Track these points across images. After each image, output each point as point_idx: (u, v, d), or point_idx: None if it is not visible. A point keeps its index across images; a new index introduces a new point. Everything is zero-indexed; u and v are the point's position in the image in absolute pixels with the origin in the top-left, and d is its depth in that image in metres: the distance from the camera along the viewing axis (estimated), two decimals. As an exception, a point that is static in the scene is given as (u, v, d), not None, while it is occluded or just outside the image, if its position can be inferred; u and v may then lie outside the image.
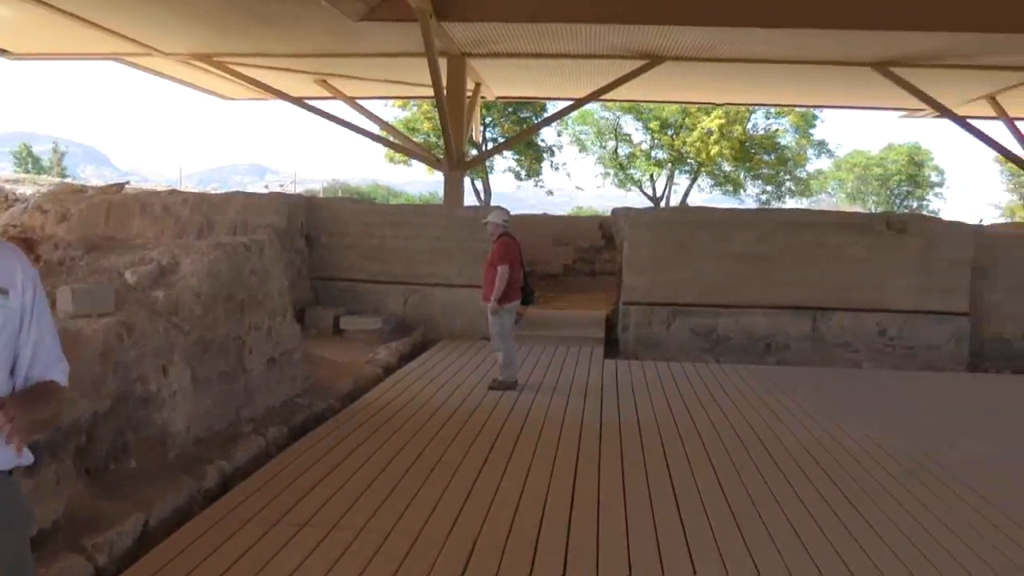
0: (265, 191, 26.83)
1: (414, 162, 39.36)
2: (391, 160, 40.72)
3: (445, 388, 11.19)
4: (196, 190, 29.24)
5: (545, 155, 44.91)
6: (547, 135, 45.71)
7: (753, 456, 8.40)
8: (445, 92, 19.54)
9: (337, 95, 25.20)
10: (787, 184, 49.56)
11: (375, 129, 27.54)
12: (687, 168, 47.92)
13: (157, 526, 6.03)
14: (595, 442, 8.71)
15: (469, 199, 35.41)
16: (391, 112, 40.46)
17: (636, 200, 47.35)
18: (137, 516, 5.85)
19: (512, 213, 12.49)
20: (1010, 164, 32.55)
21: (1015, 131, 24.30)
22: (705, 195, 50.55)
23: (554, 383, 11.80)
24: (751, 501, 7.00)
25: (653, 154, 47.66)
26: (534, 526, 6.27)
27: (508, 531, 6.16)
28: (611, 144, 48.17)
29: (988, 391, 12.94)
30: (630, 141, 48.10)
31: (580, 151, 48.94)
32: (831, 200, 60.54)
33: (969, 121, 22.98)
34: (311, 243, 15.96)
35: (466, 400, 10.53)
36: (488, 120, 39.85)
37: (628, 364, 13.66)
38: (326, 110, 24.48)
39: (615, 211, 19.39)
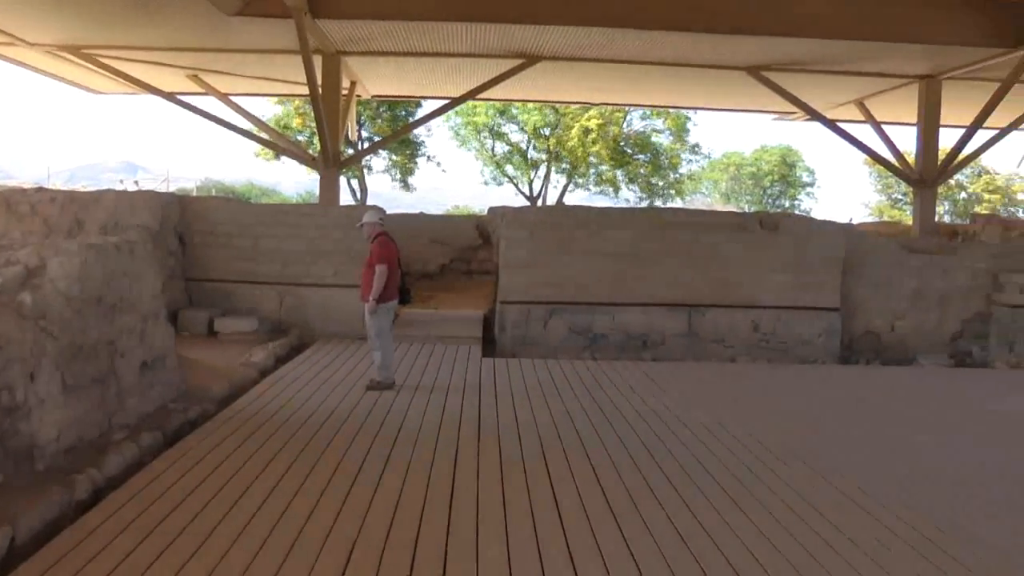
0: (136, 189, 26.17)
1: (290, 161, 38.69)
2: (262, 156, 39.88)
3: (322, 390, 11.06)
4: (65, 188, 28.37)
5: (420, 155, 44.67)
6: (422, 134, 45.56)
7: (631, 451, 8.49)
8: (320, 90, 19.37)
9: (210, 91, 24.73)
10: (662, 184, 50.23)
11: (249, 127, 27.05)
12: (564, 168, 48.26)
13: (26, 542, 5.80)
14: (474, 442, 8.70)
15: (345, 198, 35.13)
16: (265, 108, 39.88)
17: (513, 199, 47.52)
18: (3, 531, 5.63)
19: (388, 213, 12.43)
20: (878, 166, 33.68)
21: (882, 134, 25.22)
22: (582, 195, 51.03)
23: (432, 383, 11.76)
24: (629, 496, 7.07)
25: (530, 154, 47.92)
26: (413, 527, 6.23)
27: (387, 532, 6.11)
28: (489, 143, 48.26)
29: (858, 382, 13.37)
30: (507, 140, 48.24)
31: (460, 145, 48.94)
32: (706, 200, 61.65)
33: (839, 124, 23.72)
34: (184, 243, 15.60)
35: (343, 401, 10.42)
36: (364, 119, 39.50)
37: (506, 363, 13.69)
38: (199, 106, 24.02)
39: (492, 210, 19.43)
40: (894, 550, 6.11)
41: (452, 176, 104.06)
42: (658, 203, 49.33)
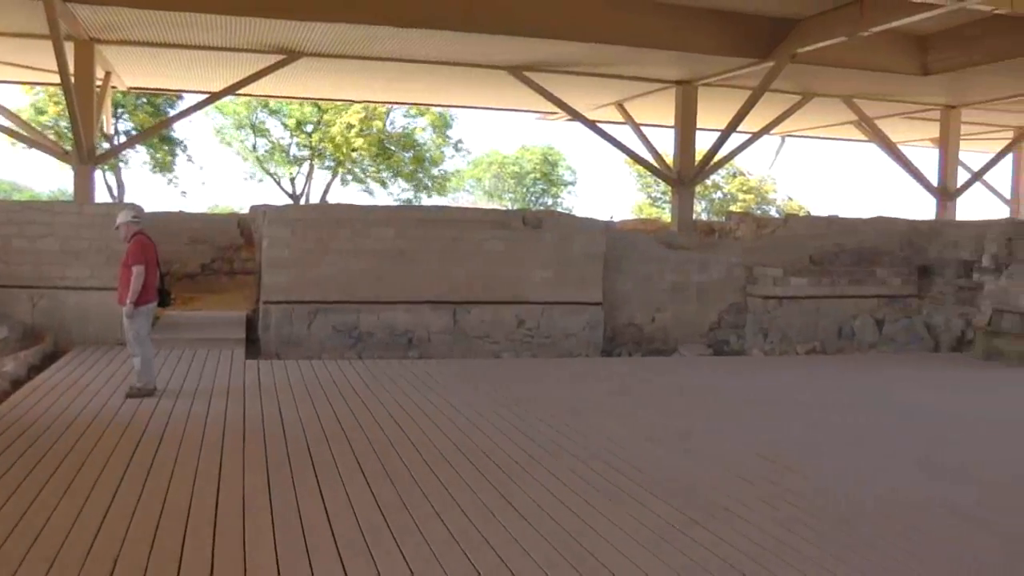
0: None
1: (42, 155, 36.70)
2: (17, 146, 37.64)
3: (80, 399, 10.54)
4: None
5: (179, 150, 43.30)
6: (182, 128, 44.28)
7: (399, 450, 8.49)
8: (72, 79, 18.44)
9: (-49, 78, 23.22)
10: (426, 181, 50.44)
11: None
12: (327, 165, 47.81)
13: None
14: (239, 447, 8.49)
15: (101, 195, 33.64)
16: (20, 97, 37.77)
17: (277, 197, 46.74)
18: None
19: (147, 211, 12.01)
20: (638, 166, 34.83)
21: (641, 136, 26.18)
22: (345, 192, 50.73)
23: (195, 387, 11.42)
24: (398, 495, 7.06)
25: (292, 151, 47.26)
26: (177, 539, 6.02)
27: (150, 547, 5.87)
28: (251, 139, 47.31)
29: (620, 373, 13.84)
30: (269, 136, 47.41)
31: (222, 142, 47.83)
32: (470, 198, 62.25)
33: (600, 125, 24.39)
34: (-79, 244, 14.61)
35: (103, 410, 9.98)
36: (122, 112, 37.97)
37: (270, 364, 13.45)
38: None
39: (254, 208, 19.00)
40: (657, 532, 6.33)
41: (214, 173, 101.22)
42: (422, 200, 49.55)
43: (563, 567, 5.72)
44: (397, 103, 38.57)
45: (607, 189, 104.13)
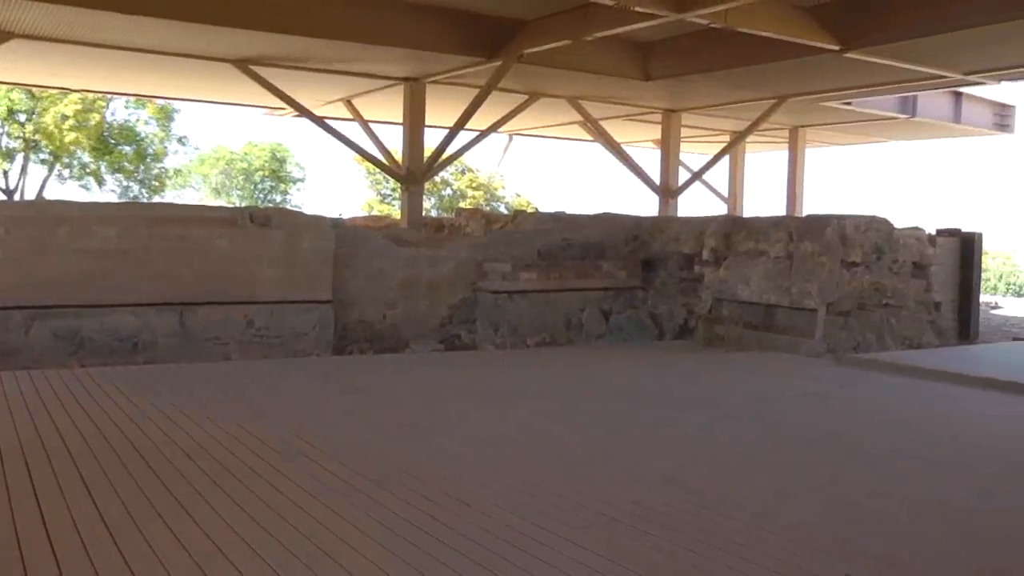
0: None
1: None
2: None
3: None
4: None
5: None
6: None
7: (126, 462, 8.06)
8: None
9: None
10: (150, 177, 48.70)
11: None
12: (43, 159, 45.36)
13: None
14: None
15: None
16: None
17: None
18: None
19: None
20: (367, 163, 34.76)
21: (370, 133, 26.09)
22: (64, 189, 48.34)
23: None
24: (127, 512, 6.70)
25: (3, 142, 44.56)
26: None
27: None
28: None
29: (352, 370, 13.83)
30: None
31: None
32: (197, 195, 60.48)
33: (327, 122, 24.14)
34: None
35: None
36: None
37: (-18, 374, 12.59)
38: None
39: (-39, 206, 17.84)
40: (393, 528, 6.33)
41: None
42: (147, 198, 47.85)
43: (298, 570, 5.63)
44: (118, 94, 36.91)
45: (337, 186, 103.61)
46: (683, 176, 28.10)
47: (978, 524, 7.00)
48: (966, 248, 19.42)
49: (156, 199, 48.18)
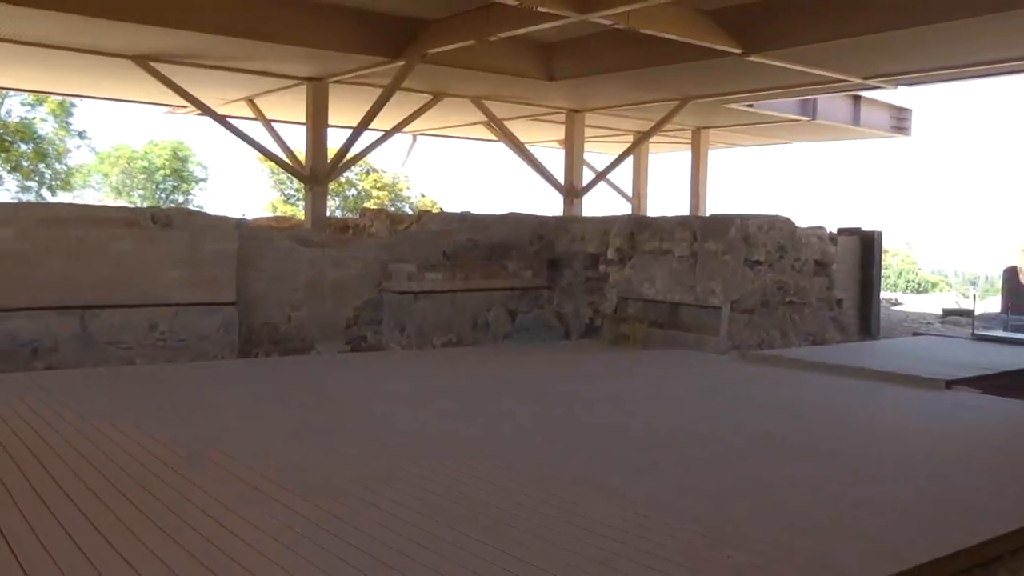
0: None
1: None
2: None
3: None
4: None
5: None
6: None
7: (25, 472, 7.89)
8: None
9: None
10: (49, 176, 47.59)
11: None
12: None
13: None
14: None
15: None
16: None
17: None
18: None
19: None
20: (270, 163, 34.45)
21: (273, 132, 25.91)
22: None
23: None
24: (25, 521, 6.57)
25: None
26: None
27: None
28: None
29: (256, 374, 13.76)
30: None
31: None
32: (97, 194, 59.13)
33: (230, 121, 23.88)
34: None
35: None
36: None
37: None
38: None
39: None
40: (300, 531, 6.33)
41: None
42: (45, 197, 46.78)
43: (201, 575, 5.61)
44: (12, 89, 36.11)
45: (240, 186, 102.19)
46: (587, 176, 28.41)
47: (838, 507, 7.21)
48: (866, 246, 20.00)
49: (56, 199, 47.07)
